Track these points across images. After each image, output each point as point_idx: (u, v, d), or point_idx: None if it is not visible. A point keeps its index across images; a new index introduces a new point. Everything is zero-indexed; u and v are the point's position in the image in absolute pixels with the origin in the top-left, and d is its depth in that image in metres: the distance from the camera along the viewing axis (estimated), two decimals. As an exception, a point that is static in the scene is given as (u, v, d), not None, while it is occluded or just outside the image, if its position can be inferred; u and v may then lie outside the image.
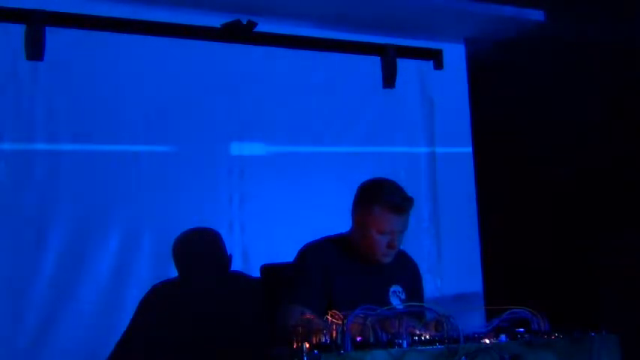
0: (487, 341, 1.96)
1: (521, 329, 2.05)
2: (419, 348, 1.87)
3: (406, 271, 2.69)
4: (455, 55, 4.02)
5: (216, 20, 3.43)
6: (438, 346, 1.89)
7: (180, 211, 3.26)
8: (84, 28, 3.20)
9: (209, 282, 3.23)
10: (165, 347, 3.07)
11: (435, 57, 3.94)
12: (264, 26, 3.49)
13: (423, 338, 1.92)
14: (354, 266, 2.54)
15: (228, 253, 3.31)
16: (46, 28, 3.11)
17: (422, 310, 2.38)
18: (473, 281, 3.81)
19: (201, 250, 3.28)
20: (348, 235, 2.60)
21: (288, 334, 1.97)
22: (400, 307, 2.45)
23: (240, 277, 3.30)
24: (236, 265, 3.34)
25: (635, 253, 3.29)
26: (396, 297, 2.55)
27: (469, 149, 3.99)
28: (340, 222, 2.68)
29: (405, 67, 3.85)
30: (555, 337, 2.05)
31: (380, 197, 2.48)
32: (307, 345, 1.81)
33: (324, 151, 3.62)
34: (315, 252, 2.55)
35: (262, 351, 2.34)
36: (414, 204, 2.53)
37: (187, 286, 3.19)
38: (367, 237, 2.49)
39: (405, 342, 1.87)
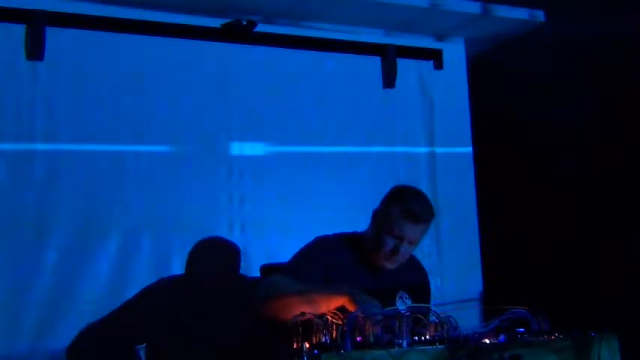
0: (487, 341, 1.96)
1: (521, 329, 2.05)
2: (419, 348, 1.87)
3: (415, 278, 2.66)
4: (455, 55, 4.02)
5: (216, 20, 3.43)
6: (438, 346, 1.89)
7: (180, 211, 3.26)
8: (84, 28, 3.20)
9: (214, 283, 3.23)
10: (160, 336, 3.08)
11: (435, 57, 3.95)
12: (264, 26, 3.49)
13: (423, 338, 1.92)
14: (362, 268, 2.51)
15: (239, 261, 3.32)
16: (46, 28, 3.11)
17: (425, 312, 2.36)
18: (473, 281, 3.81)
19: (217, 258, 3.30)
20: (362, 235, 2.58)
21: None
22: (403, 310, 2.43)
23: (243, 279, 3.30)
24: (236, 265, 3.35)
25: (636, 253, 3.29)
26: (403, 303, 2.50)
27: (469, 149, 3.99)
28: (340, 222, 2.68)
29: (405, 67, 3.85)
30: (555, 337, 2.05)
31: (401, 200, 2.46)
32: (307, 345, 1.81)
33: (324, 151, 3.62)
34: (322, 246, 2.51)
35: (260, 350, 2.34)
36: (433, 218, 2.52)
37: (193, 283, 3.20)
38: (376, 237, 2.47)
39: (405, 342, 1.87)
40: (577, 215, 3.58)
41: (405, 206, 2.44)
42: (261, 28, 3.48)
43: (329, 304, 2.11)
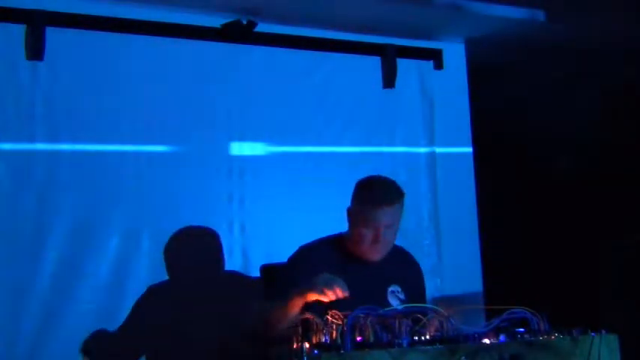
0: (487, 341, 1.96)
1: (521, 329, 2.05)
2: (419, 348, 1.87)
3: (406, 271, 2.66)
4: (455, 55, 4.02)
5: (216, 20, 3.43)
6: (438, 346, 1.89)
7: (180, 211, 3.25)
8: (84, 28, 3.20)
9: (201, 282, 3.20)
10: (158, 347, 3.07)
11: (435, 57, 3.94)
12: (264, 26, 3.49)
13: (423, 338, 1.92)
14: (350, 266, 2.51)
15: (222, 252, 3.29)
16: (46, 28, 3.11)
17: (423, 311, 2.36)
18: (473, 281, 3.81)
19: (190, 249, 3.25)
20: (345, 235, 2.60)
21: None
22: (399, 307, 2.43)
23: (236, 276, 3.29)
24: (236, 265, 3.35)
25: (635, 253, 3.29)
26: (395, 297, 2.52)
27: (469, 149, 3.98)
28: (340, 222, 2.68)
29: (405, 67, 3.85)
30: (555, 337, 2.05)
31: (365, 191, 2.52)
32: (307, 345, 1.81)
33: (324, 151, 3.62)
34: (303, 256, 2.54)
35: (256, 351, 2.34)
36: (407, 200, 2.53)
37: (180, 286, 3.17)
38: (355, 232, 2.50)
39: (405, 342, 1.87)
40: (577, 215, 3.58)
41: (371, 195, 2.48)
42: (261, 28, 3.48)
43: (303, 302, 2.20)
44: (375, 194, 2.49)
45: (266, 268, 2.81)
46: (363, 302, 2.13)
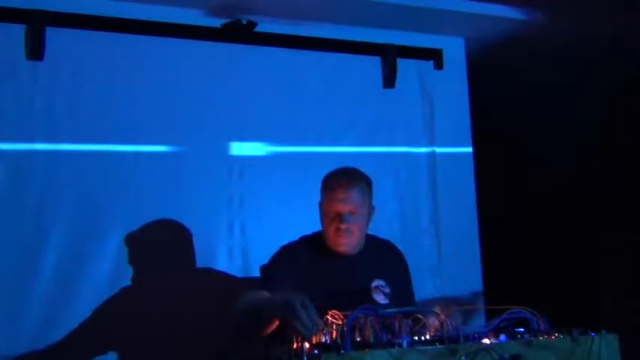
0: (487, 341, 1.96)
1: (521, 329, 2.05)
2: (419, 348, 1.87)
3: (389, 263, 2.60)
4: (455, 54, 4.02)
5: (216, 20, 3.43)
6: (438, 346, 1.89)
7: (180, 211, 3.25)
8: (84, 28, 3.20)
9: (173, 280, 3.16)
10: (122, 344, 3.05)
11: (435, 57, 3.94)
12: (264, 26, 3.49)
13: (423, 338, 1.92)
14: (329, 262, 2.49)
15: (193, 248, 3.25)
16: (46, 28, 3.11)
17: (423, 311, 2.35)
18: (473, 281, 3.81)
19: (160, 245, 3.20)
20: (322, 232, 2.57)
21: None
22: (385, 302, 2.43)
23: (213, 274, 3.27)
24: (236, 265, 3.35)
25: (635, 253, 3.29)
26: (380, 292, 2.48)
27: (469, 149, 3.98)
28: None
29: (405, 67, 3.85)
30: (555, 337, 2.05)
31: (325, 181, 2.54)
32: (307, 345, 1.81)
33: (324, 151, 3.62)
34: (285, 255, 2.53)
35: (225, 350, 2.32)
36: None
37: (144, 284, 3.13)
38: (322, 224, 2.51)
39: (405, 342, 1.87)
40: (577, 215, 3.58)
41: (328, 183, 2.51)
42: (261, 28, 3.48)
43: (271, 326, 2.12)
44: (332, 180, 2.50)
45: (266, 268, 2.81)
46: (345, 298, 2.13)
